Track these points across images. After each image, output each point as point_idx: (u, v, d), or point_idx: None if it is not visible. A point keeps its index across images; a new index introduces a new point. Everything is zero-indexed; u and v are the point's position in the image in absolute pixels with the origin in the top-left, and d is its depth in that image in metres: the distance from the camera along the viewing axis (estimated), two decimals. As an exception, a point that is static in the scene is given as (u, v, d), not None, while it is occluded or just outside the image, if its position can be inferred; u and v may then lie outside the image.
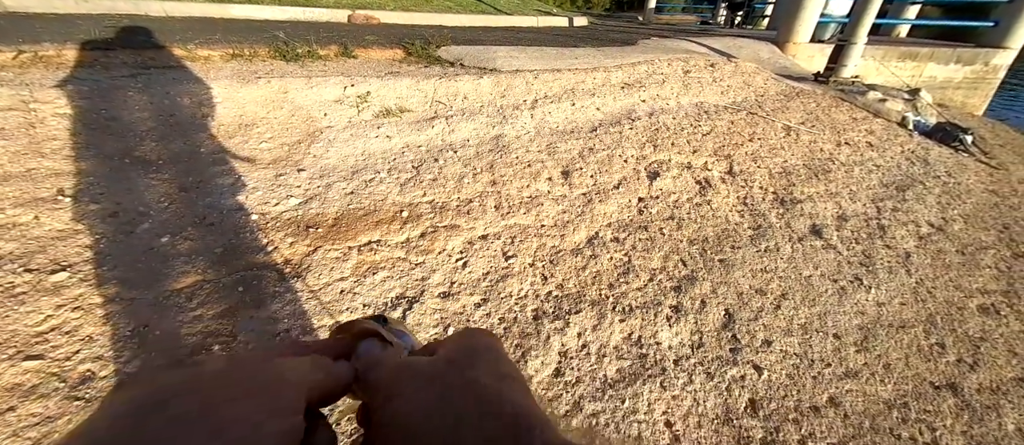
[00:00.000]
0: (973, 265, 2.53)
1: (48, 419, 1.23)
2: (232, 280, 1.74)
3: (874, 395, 1.71)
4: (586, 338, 1.78)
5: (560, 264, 2.12)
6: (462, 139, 3.00)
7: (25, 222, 1.73)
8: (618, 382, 1.64)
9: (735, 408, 1.61)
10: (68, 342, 1.41)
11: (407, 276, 1.92)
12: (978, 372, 1.87)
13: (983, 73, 7.61)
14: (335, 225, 2.12)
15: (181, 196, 2.09)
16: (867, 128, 4.13)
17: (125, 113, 2.47)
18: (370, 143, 2.79)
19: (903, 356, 1.89)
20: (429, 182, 2.53)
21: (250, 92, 2.89)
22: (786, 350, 1.84)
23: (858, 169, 3.39)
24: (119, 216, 1.88)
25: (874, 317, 2.06)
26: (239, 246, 1.90)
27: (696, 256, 2.29)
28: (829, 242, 2.53)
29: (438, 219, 2.27)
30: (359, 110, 3.07)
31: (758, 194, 2.90)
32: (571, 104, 3.64)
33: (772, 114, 4.04)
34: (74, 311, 1.49)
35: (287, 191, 2.27)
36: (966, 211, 3.09)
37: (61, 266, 1.61)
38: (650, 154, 3.13)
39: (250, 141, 2.60)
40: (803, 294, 2.14)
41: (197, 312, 1.60)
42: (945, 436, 1.61)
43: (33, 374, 1.31)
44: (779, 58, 6.41)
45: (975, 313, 2.18)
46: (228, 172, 2.32)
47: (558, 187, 2.68)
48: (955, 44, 8.09)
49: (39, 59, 2.77)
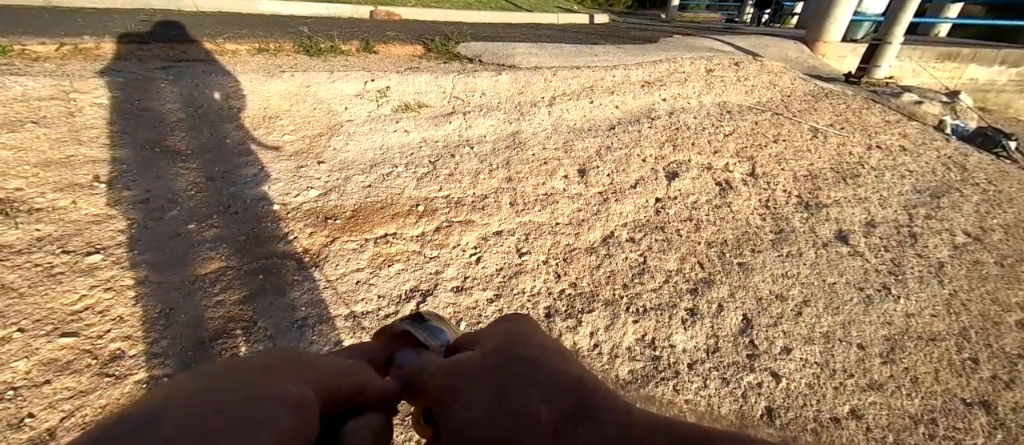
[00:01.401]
0: (1013, 278, 2.40)
1: (81, 393, 1.30)
2: (253, 267, 1.80)
3: (900, 409, 1.64)
4: (598, 338, 1.77)
5: (574, 263, 2.11)
6: (479, 135, 3.01)
7: (64, 206, 1.82)
8: (630, 384, 1.62)
9: (750, 415, 1.56)
10: (100, 321, 1.48)
11: (421, 269, 1.94)
12: (1015, 390, 1.77)
13: (1030, 75, 7.17)
14: (353, 217, 2.16)
15: (208, 185, 2.16)
16: (900, 132, 3.95)
17: (157, 104, 2.57)
18: (388, 137, 2.83)
19: (932, 370, 1.81)
20: (445, 177, 2.55)
21: (274, 85, 2.97)
22: (806, 358, 1.78)
23: (889, 174, 3.25)
24: (150, 203, 1.96)
25: (902, 328, 1.98)
26: (261, 235, 1.96)
27: (714, 259, 2.24)
28: (856, 249, 2.44)
29: (453, 214, 2.29)
30: (378, 105, 3.11)
31: (781, 197, 2.81)
32: (589, 102, 3.60)
33: (799, 115, 3.91)
34: (106, 292, 1.56)
35: (307, 183, 2.32)
36: (1007, 221, 2.92)
37: (95, 249, 1.69)
38: (669, 154, 3.08)
39: (273, 133, 2.66)
40: (826, 301, 2.06)
41: (220, 297, 1.66)
42: (976, 456, 1.53)
43: (68, 350, 1.38)
44: (808, 58, 6.19)
45: (1013, 328, 2.06)
46: (252, 163, 2.39)
47: (574, 185, 2.65)
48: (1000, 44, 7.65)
49: (79, 51, 2.90)
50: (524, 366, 0.23)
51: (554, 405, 0.20)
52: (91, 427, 0.18)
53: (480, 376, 0.23)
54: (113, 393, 1.32)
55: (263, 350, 0.24)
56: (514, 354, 0.24)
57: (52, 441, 1.20)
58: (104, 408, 1.28)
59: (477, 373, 0.23)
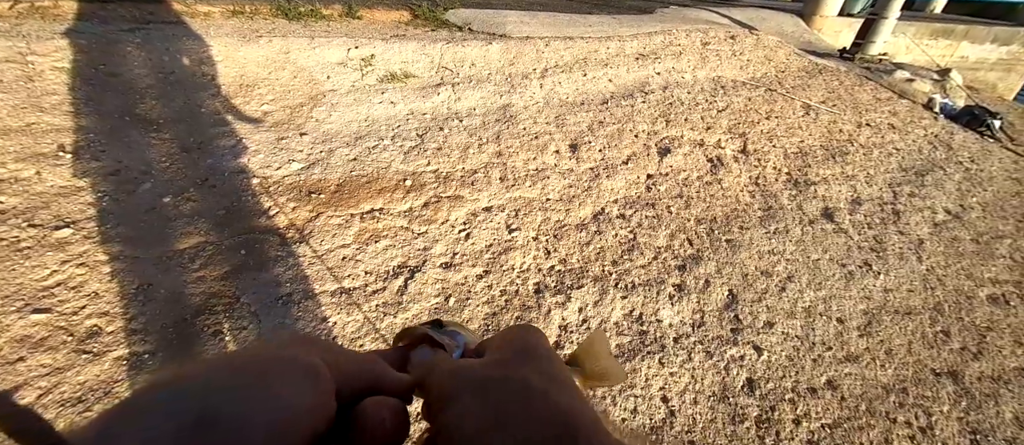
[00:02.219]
0: (987, 254, 2.47)
1: (57, 370, 1.26)
2: (234, 243, 1.74)
3: (873, 379, 1.71)
4: (587, 313, 1.78)
5: (564, 239, 2.10)
6: (468, 108, 2.92)
7: (27, 177, 1.72)
8: (617, 358, 1.65)
9: (732, 386, 1.61)
10: (75, 297, 1.43)
11: (409, 245, 1.91)
12: (981, 361, 1.85)
13: (1020, 55, 7.21)
14: (338, 191, 2.10)
15: (183, 156, 2.06)
16: (891, 109, 3.96)
17: (124, 69, 2.41)
18: (374, 109, 2.73)
19: (906, 342, 1.88)
20: (433, 151, 2.48)
21: (251, 51, 2.81)
22: (788, 332, 1.83)
23: (877, 152, 3.27)
24: (121, 174, 1.87)
25: (880, 303, 2.04)
26: (241, 209, 1.89)
27: (703, 236, 2.26)
28: (840, 226, 2.47)
29: (442, 189, 2.24)
30: (363, 74, 2.98)
31: (771, 175, 2.81)
32: (582, 74, 3.50)
33: (792, 91, 3.88)
34: (79, 267, 1.50)
35: (289, 155, 2.23)
36: (986, 199, 2.99)
37: (65, 222, 1.61)
38: (662, 129, 3.04)
39: (252, 102, 2.54)
40: (809, 277, 2.11)
41: (200, 273, 1.61)
42: (941, 421, 1.61)
43: (41, 327, 1.33)
44: (804, 32, 6.09)
45: (984, 302, 2.14)
46: (230, 133, 2.28)
47: (565, 161, 2.61)
48: (993, 22, 7.63)
49: (36, 9, 2.68)
50: (523, 390, 0.23)
51: (540, 438, 0.21)
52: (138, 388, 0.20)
53: (480, 387, 0.24)
54: (92, 370, 1.29)
55: (280, 333, 0.22)
56: (517, 374, 0.24)
57: (30, 418, 1.17)
58: (83, 385, 1.26)
59: (478, 383, 0.24)
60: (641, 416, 1.49)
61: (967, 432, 1.60)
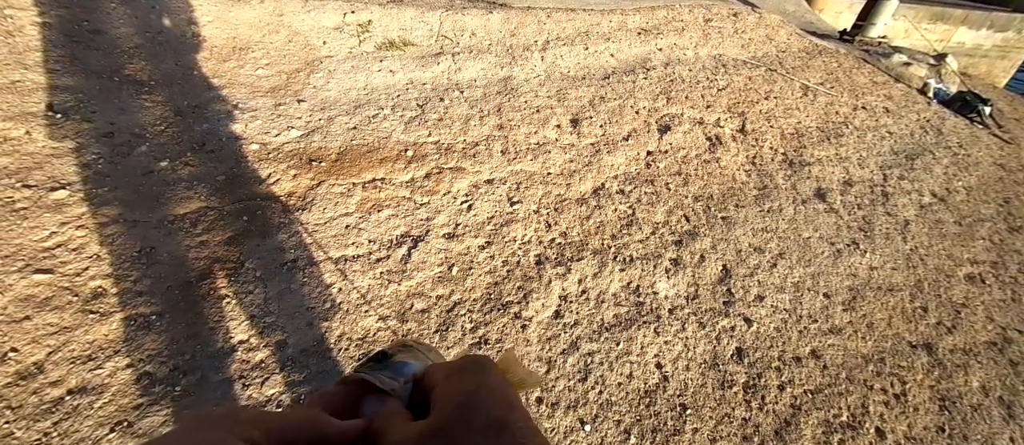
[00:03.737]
0: (968, 236, 2.58)
1: (65, 329, 1.27)
2: (236, 208, 1.73)
3: (854, 350, 1.81)
4: (586, 285, 1.83)
5: (565, 212, 2.12)
6: (469, 79, 2.87)
7: (17, 137, 1.67)
8: (614, 326, 1.71)
9: (723, 355, 1.69)
10: (76, 259, 1.42)
11: (412, 215, 1.92)
12: (954, 335, 1.96)
13: (1015, 42, 7.26)
14: (338, 160, 2.07)
15: (177, 120, 2.01)
16: (886, 93, 3.99)
17: (109, 27, 2.30)
18: (372, 77, 2.66)
19: (887, 317, 1.98)
20: (434, 122, 2.45)
21: (242, 12, 2.69)
22: (777, 305, 1.91)
23: (871, 135, 3.33)
24: (115, 137, 1.82)
25: (865, 280, 2.13)
26: (241, 175, 1.87)
27: (699, 212, 2.30)
28: (832, 206, 2.54)
29: (443, 160, 2.23)
30: (360, 40, 2.89)
31: (768, 154, 2.85)
32: (584, 48, 3.44)
33: (792, 72, 3.88)
34: (78, 229, 1.49)
35: (288, 122, 2.19)
36: (970, 183, 3.08)
37: (60, 184, 1.58)
38: (662, 107, 3.03)
39: (246, 66, 2.46)
40: (800, 254, 2.18)
41: (202, 238, 1.61)
42: (913, 389, 1.72)
43: (45, 287, 1.33)
44: (805, 12, 6.03)
45: (962, 281, 2.25)
46: (225, 98, 2.22)
47: (566, 135, 2.61)
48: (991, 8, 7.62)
49: (8, -41, 2.51)
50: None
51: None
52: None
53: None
54: (101, 330, 1.30)
55: (198, 416, 0.23)
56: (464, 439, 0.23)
57: (41, 374, 1.19)
58: (92, 344, 1.27)
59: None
60: (636, 381, 1.56)
61: (937, 399, 1.71)
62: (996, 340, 2.00)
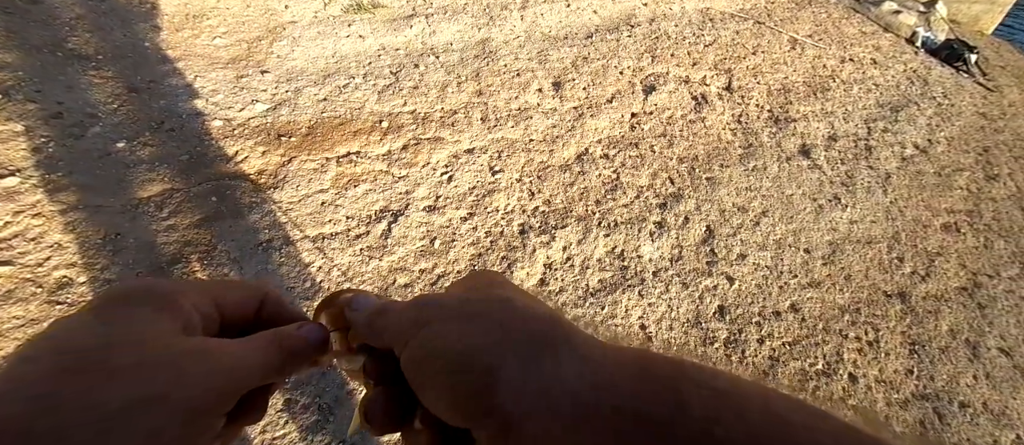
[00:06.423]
0: (946, 186, 2.61)
1: (32, 321, 1.23)
2: (203, 189, 1.66)
3: (831, 302, 1.86)
4: (571, 252, 1.82)
5: (548, 180, 2.08)
6: (445, 42, 2.72)
7: (-46, 122, 1.55)
8: (599, 291, 1.72)
9: (705, 313, 1.73)
10: (36, 249, 1.35)
11: (390, 189, 1.86)
12: (928, 283, 2.03)
13: (1005, -13, 7.10)
14: (309, 134, 1.98)
15: (131, 97, 1.88)
16: (874, 44, 3.92)
17: (45, -4, 2.10)
18: (341, 43, 2.51)
19: (864, 269, 2.02)
20: (409, 90, 2.34)
21: (194, -25, 2.47)
22: (758, 263, 1.94)
23: (857, 88, 3.29)
24: (64, 117, 1.70)
25: (845, 234, 2.16)
26: (206, 154, 1.78)
27: (684, 174, 2.28)
28: (816, 162, 2.54)
29: (421, 131, 2.15)
30: (326, 3, 2.70)
31: (754, 112, 2.81)
32: (566, 5, 3.28)
33: (780, 24, 3.76)
34: (35, 217, 1.41)
35: (252, 95, 2.07)
36: (952, 133, 3.10)
37: (8, 170, 1.48)
38: (647, 66, 2.93)
39: (202, 36, 2.29)
40: (782, 212, 2.19)
41: (170, 221, 1.54)
42: (886, 335, 1.79)
43: (5, 279, 1.27)
44: (797, -40, 5.77)
45: (938, 231, 2.30)
46: (181, 71, 2.07)
47: (549, 100, 2.52)
48: (985, -49, 7.39)
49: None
50: (504, 302, 0.22)
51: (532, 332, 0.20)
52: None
53: (457, 310, 0.22)
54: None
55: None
56: (494, 295, 0.23)
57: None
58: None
59: (453, 303, 0.23)
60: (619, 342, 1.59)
61: (908, 344, 1.79)
62: (967, 285, 2.07)
